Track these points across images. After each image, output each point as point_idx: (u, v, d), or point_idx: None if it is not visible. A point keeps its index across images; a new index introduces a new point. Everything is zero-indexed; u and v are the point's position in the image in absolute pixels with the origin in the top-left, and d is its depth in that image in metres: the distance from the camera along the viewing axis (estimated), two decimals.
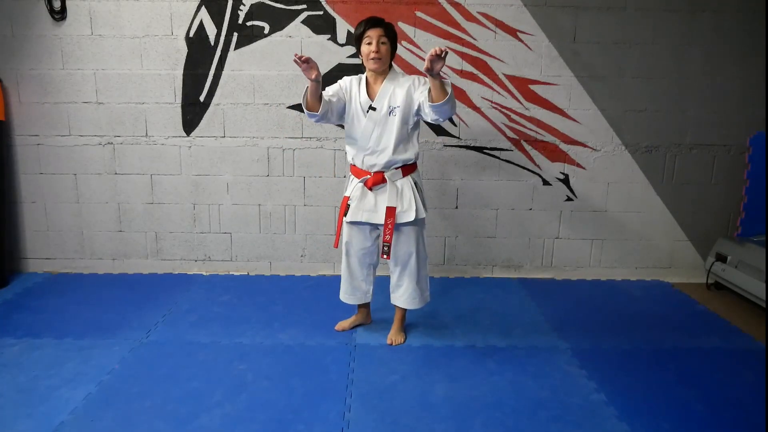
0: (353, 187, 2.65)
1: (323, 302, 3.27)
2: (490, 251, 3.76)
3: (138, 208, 3.67)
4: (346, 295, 2.86)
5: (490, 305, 3.28)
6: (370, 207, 2.61)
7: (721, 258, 3.46)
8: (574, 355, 2.68)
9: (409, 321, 3.02)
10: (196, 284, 3.54)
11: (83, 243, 3.72)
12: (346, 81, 2.63)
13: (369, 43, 2.51)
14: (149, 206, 3.67)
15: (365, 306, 2.95)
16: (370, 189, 2.60)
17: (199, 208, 3.68)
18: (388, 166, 2.58)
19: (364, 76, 2.62)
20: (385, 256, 2.60)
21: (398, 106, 2.52)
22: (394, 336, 2.81)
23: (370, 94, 2.57)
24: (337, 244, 2.73)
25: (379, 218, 2.59)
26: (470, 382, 2.42)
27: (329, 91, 2.58)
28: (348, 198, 2.65)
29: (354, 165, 2.66)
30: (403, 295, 2.77)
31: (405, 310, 2.84)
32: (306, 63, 2.31)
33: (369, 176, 2.59)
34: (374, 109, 2.53)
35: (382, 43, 2.52)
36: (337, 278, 3.66)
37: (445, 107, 2.34)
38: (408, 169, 2.64)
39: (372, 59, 2.51)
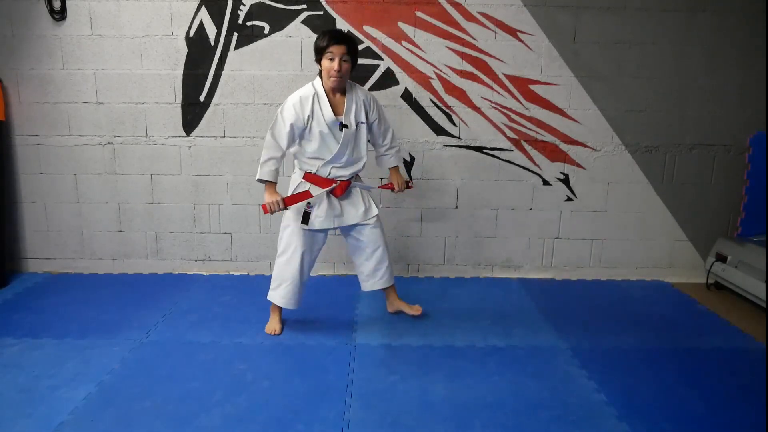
0: (315, 195, 2.67)
1: (323, 302, 3.27)
2: (490, 251, 3.76)
3: (138, 208, 3.67)
4: (291, 300, 2.79)
5: (490, 305, 3.28)
6: (338, 213, 2.74)
7: (721, 258, 3.46)
8: (574, 355, 2.68)
9: (410, 321, 3.02)
10: (196, 284, 3.54)
11: (83, 243, 3.72)
12: (296, 109, 2.55)
13: (331, 59, 2.51)
14: (149, 206, 3.67)
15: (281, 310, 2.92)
16: (338, 197, 2.72)
17: (199, 208, 3.68)
18: (353, 174, 2.75)
19: (320, 92, 2.58)
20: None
21: (363, 122, 2.67)
22: (410, 308, 3.01)
23: (335, 111, 2.59)
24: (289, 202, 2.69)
25: (348, 220, 2.76)
26: (470, 382, 2.42)
27: (284, 139, 2.57)
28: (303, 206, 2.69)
29: (314, 174, 2.68)
30: (386, 274, 2.92)
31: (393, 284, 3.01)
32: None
33: (335, 185, 2.69)
34: (346, 126, 2.60)
35: (344, 60, 2.52)
36: (338, 278, 3.68)
37: None
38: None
39: (332, 77, 2.53)
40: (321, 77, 2.60)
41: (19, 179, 3.63)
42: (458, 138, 3.60)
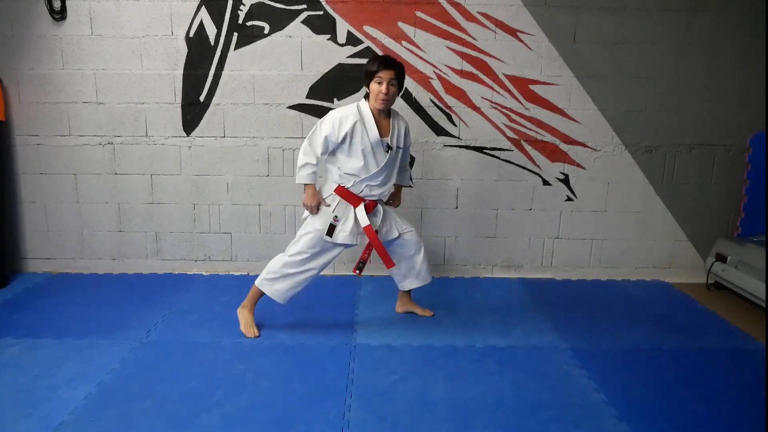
0: (342, 210, 2.72)
1: (323, 302, 3.27)
2: (490, 251, 3.76)
3: (138, 208, 3.67)
4: (284, 296, 2.79)
5: (490, 305, 3.28)
6: (362, 231, 2.76)
7: (721, 258, 3.46)
8: (574, 355, 2.68)
9: (410, 321, 3.02)
10: (196, 284, 3.54)
11: (83, 243, 3.72)
12: (334, 125, 2.62)
13: (379, 83, 2.60)
14: (149, 206, 3.67)
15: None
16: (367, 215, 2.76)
17: (199, 208, 3.68)
18: (382, 194, 2.81)
19: (366, 112, 2.65)
20: (357, 272, 2.87)
21: (401, 147, 2.77)
22: (423, 311, 3.09)
23: (381, 132, 2.67)
24: (390, 264, 2.82)
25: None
26: (470, 382, 2.42)
27: (319, 148, 2.65)
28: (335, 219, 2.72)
29: (347, 190, 2.72)
30: (421, 271, 2.94)
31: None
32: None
33: (364, 202, 2.74)
34: (392, 148, 2.69)
35: (392, 85, 2.61)
36: (338, 278, 3.68)
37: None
38: None
39: (381, 100, 2.61)
40: (367, 99, 2.69)
41: (19, 179, 3.63)
42: (458, 138, 3.60)
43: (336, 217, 2.71)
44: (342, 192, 2.73)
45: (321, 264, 2.79)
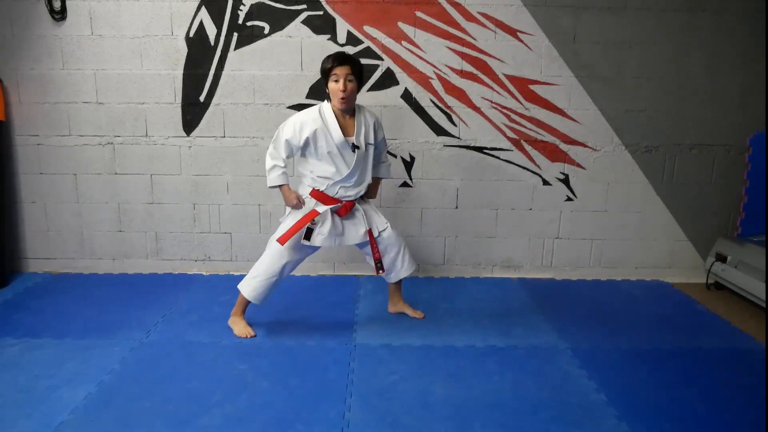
0: (320, 212, 2.71)
1: (323, 302, 3.28)
2: (490, 251, 3.76)
3: (138, 208, 3.67)
4: (261, 297, 2.78)
5: (490, 305, 3.28)
6: (339, 232, 2.76)
7: (721, 258, 3.46)
8: (574, 355, 2.68)
9: (410, 321, 3.02)
10: (196, 284, 3.54)
11: (83, 243, 3.72)
12: (294, 129, 2.61)
13: (336, 81, 2.56)
14: (149, 206, 3.67)
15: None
16: (341, 217, 2.76)
17: (199, 208, 3.68)
18: (358, 194, 2.78)
19: (328, 114, 2.62)
20: (381, 272, 2.89)
21: (372, 143, 2.73)
22: (414, 312, 3.07)
23: (345, 132, 2.64)
24: (282, 241, 2.70)
25: (348, 240, 2.79)
26: (470, 382, 2.42)
27: (282, 151, 2.66)
28: (308, 222, 2.70)
29: (321, 192, 2.71)
30: (405, 262, 2.93)
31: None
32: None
33: (340, 204, 2.73)
34: (358, 147, 2.65)
35: (349, 80, 2.57)
36: (338, 278, 3.68)
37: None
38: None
39: (340, 99, 2.58)
40: (329, 100, 2.66)
41: (19, 179, 3.63)
42: (458, 138, 3.60)
43: (313, 220, 2.70)
44: (317, 195, 2.72)
45: (296, 263, 2.80)
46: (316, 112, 2.64)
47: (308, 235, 2.70)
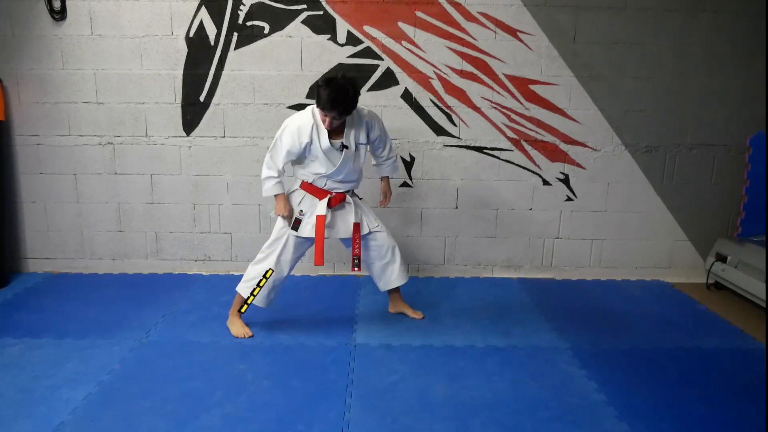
0: (308, 204, 2.75)
1: (323, 302, 3.28)
2: (490, 251, 3.76)
3: (138, 208, 3.67)
4: (265, 300, 2.80)
5: (490, 305, 3.28)
6: (328, 224, 2.77)
7: (721, 258, 3.46)
8: (574, 355, 2.67)
9: (410, 321, 3.02)
10: (196, 284, 3.54)
11: (83, 243, 3.72)
12: (293, 137, 2.63)
13: (323, 114, 2.60)
14: (149, 206, 3.67)
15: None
16: (331, 208, 2.77)
17: (199, 208, 3.68)
18: (349, 189, 2.83)
19: (318, 120, 2.64)
20: (356, 269, 2.87)
21: (363, 143, 2.77)
22: (414, 312, 3.07)
23: (336, 135, 2.69)
24: (320, 261, 2.76)
25: (338, 234, 2.81)
26: (470, 382, 2.42)
27: (280, 162, 2.69)
28: (300, 214, 2.76)
29: (311, 184, 2.75)
30: (395, 272, 2.95)
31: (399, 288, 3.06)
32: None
33: (331, 195, 2.76)
34: (347, 147, 2.69)
35: (334, 118, 2.60)
36: (338, 278, 3.68)
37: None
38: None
39: (325, 127, 2.63)
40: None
41: (19, 179, 3.63)
42: (458, 138, 3.60)
43: (302, 211, 2.75)
44: (307, 187, 2.77)
45: (294, 260, 2.82)
46: (309, 114, 2.67)
47: (296, 226, 2.74)
